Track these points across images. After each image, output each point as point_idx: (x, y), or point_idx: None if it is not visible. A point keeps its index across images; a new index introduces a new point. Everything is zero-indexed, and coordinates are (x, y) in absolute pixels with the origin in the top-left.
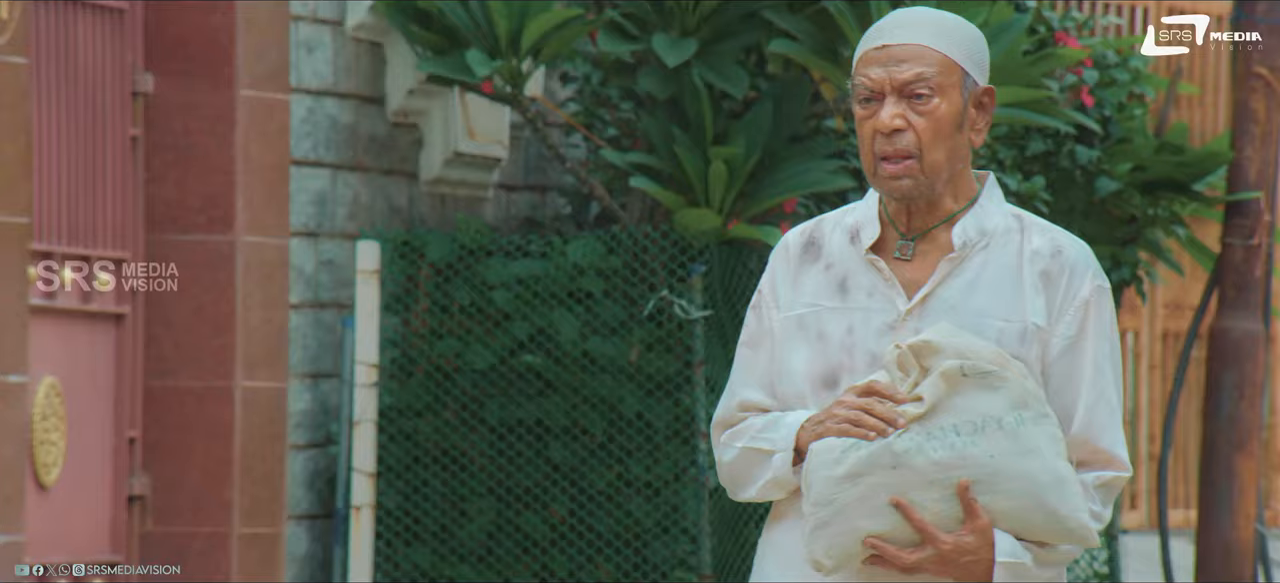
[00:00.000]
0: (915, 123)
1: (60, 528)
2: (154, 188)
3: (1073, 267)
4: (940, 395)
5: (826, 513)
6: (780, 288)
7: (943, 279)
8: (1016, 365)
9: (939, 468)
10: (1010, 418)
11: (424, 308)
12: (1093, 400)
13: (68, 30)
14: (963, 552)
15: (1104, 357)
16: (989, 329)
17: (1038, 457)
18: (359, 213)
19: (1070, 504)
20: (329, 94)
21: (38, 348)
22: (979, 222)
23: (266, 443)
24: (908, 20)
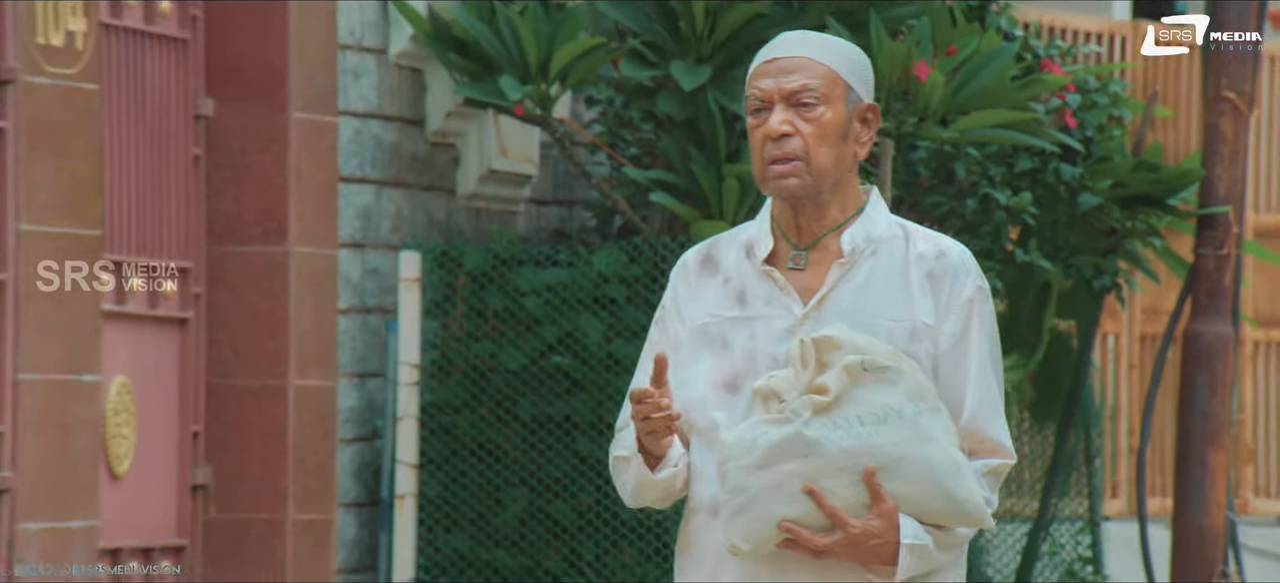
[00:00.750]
0: (802, 128)
1: (131, 515)
2: (214, 202)
3: (955, 268)
4: (843, 388)
5: (742, 499)
6: (682, 302)
7: (835, 283)
8: (910, 362)
9: (847, 455)
10: (909, 409)
11: (461, 313)
12: (979, 394)
13: (136, 58)
14: (870, 535)
15: (986, 353)
16: (880, 329)
17: (936, 445)
18: (401, 225)
19: (967, 489)
20: (374, 116)
21: (109, 350)
22: (866, 229)
23: (318, 437)
24: (796, 38)
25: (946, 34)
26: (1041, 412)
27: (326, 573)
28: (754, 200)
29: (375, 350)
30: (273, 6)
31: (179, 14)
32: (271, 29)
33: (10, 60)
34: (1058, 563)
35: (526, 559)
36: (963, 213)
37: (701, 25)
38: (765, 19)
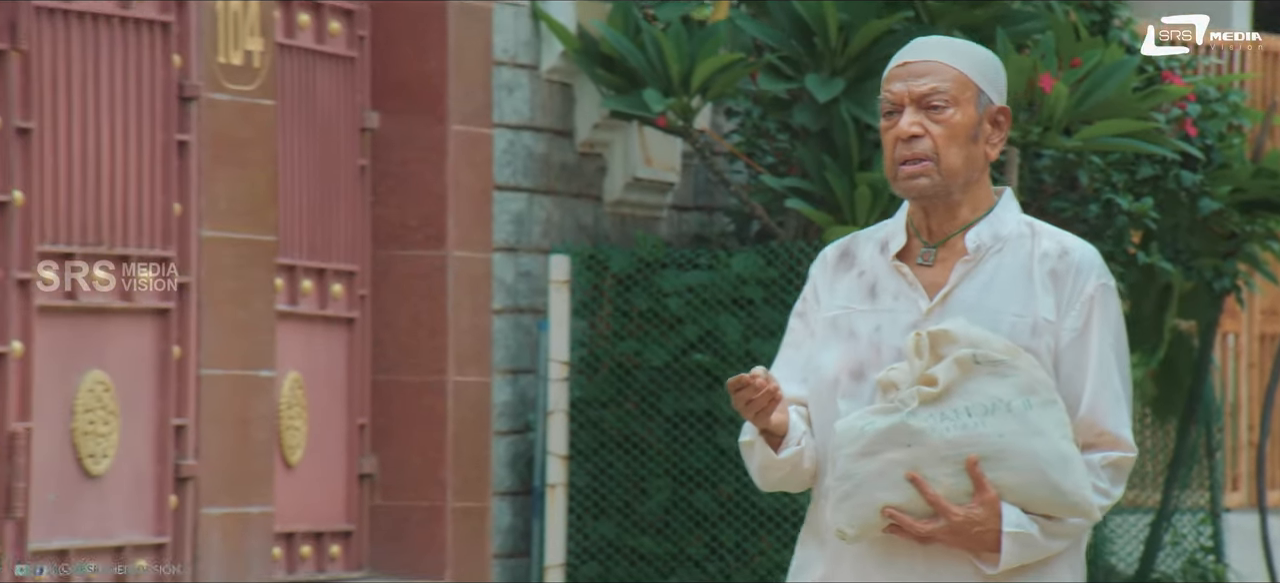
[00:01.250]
0: (932, 130)
1: (303, 501)
2: (379, 210)
3: (1078, 266)
4: (954, 379)
5: (848, 486)
6: (821, 293)
7: (960, 280)
8: (1026, 357)
9: (951, 445)
10: (1018, 402)
11: (608, 313)
12: (1098, 387)
13: (308, 76)
14: (972, 522)
15: (1108, 347)
16: (1003, 324)
17: (1043, 437)
18: (552, 231)
19: (1073, 481)
20: (526, 128)
21: (283, 348)
22: (993, 228)
23: (474, 430)
24: (928, 43)
25: (1071, 47)
26: (1163, 407)
27: (483, 558)
28: (886, 206)
29: (527, 349)
30: (433, 26)
31: (347, 34)
32: (432, 48)
33: (195, 78)
34: (1180, 553)
35: (670, 546)
36: (1086, 218)
37: (835, 40)
38: (895, 34)
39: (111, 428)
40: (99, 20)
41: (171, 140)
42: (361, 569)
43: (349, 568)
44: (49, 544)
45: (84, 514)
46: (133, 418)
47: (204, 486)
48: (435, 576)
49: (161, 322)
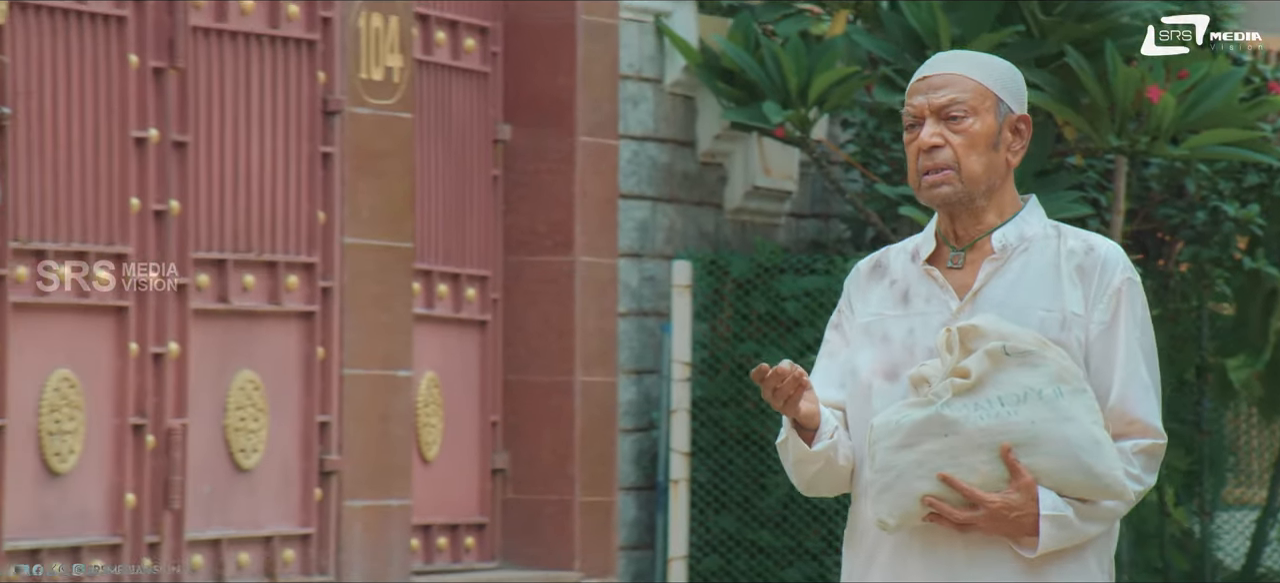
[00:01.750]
0: (952, 140)
1: (440, 495)
2: (510, 218)
3: (1104, 261)
4: (985, 371)
5: (888, 477)
6: (855, 303)
7: (988, 278)
8: (1055, 348)
9: (985, 433)
10: (1049, 390)
11: (728, 316)
12: (1127, 377)
13: (444, 90)
14: (1011, 508)
15: (1135, 339)
16: (1032, 319)
17: (1075, 423)
18: (674, 237)
19: (1106, 464)
20: (650, 139)
21: (420, 349)
22: (1019, 230)
23: (601, 427)
24: (946, 57)
25: (1178, 59)
26: (1269, 407)
27: (609, 550)
28: None
29: (651, 350)
30: (563, 43)
31: (481, 50)
32: (561, 63)
33: (338, 93)
34: None
35: (788, 539)
36: (1193, 224)
37: None
38: (1007, 47)
39: (261, 425)
40: (250, 39)
41: (316, 152)
42: (494, 560)
43: (483, 559)
44: (203, 534)
45: (236, 506)
46: (280, 415)
47: (347, 479)
48: (564, 567)
49: (307, 324)
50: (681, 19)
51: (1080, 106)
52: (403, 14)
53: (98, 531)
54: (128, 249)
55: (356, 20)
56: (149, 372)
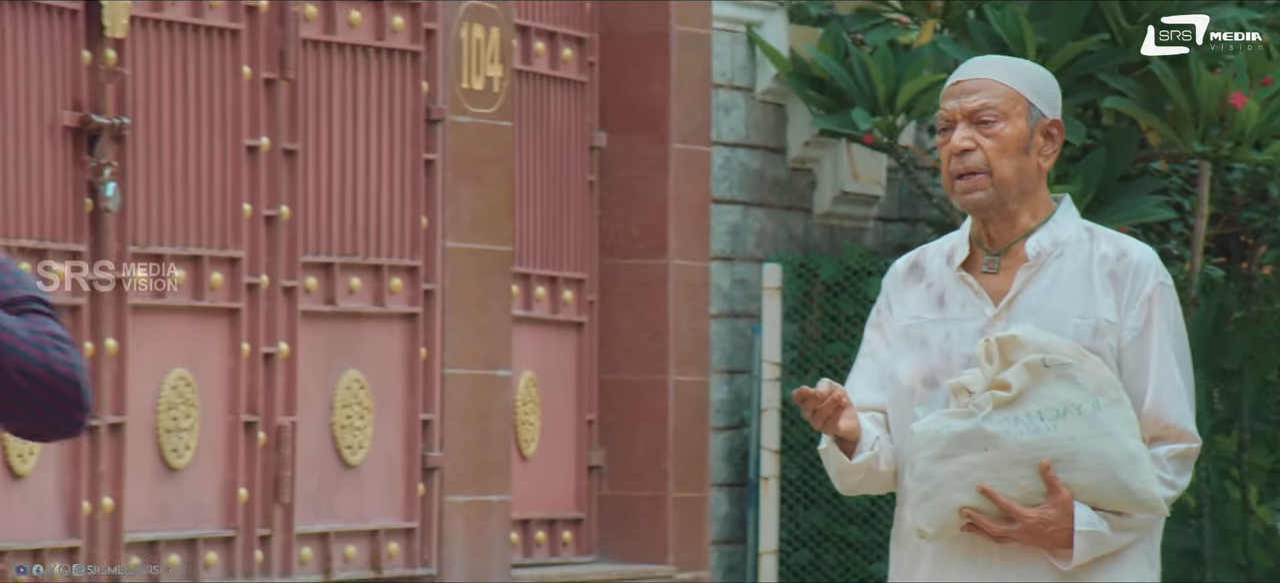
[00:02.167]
0: (983, 144)
1: (537, 491)
2: (605, 223)
3: (1136, 267)
4: (1025, 384)
5: (928, 487)
6: (893, 305)
7: (1023, 285)
8: (1092, 358)
9: (1025, 449)
10: (1088, 404)
11: (817, 317)
12: (1160, 382)
13: (542, 99)
14: (1046, 523)
15: (1168, 344)
16: (1067, 327)
17: (1112, 438)
18: (765, 241)
19: (1141, 479)
20: (741, 146)
21: (518, 349)
22: (1053, 234)
23: (693, 426)
24: (979, 62)
25: (1262, 66)
26: None
27: (702, 545)
28: (1081, 216)
29: (742, 351)
30: (657, 53)
31: (578, 60)
32: (656, 72)
33: (440, 102)
34: None
35: (876, 535)
36: (1276, 228)
37: (1033, 61)
38: (1092, 55)
39: (366, 422)
40: (356, 50)
41: (419, 159)
42: (591, 554)
43: (580, 553)
44: (312, 528)
45: (343, 501)
46: (385, 413)
47: (448, 475)
48: (658, 561)
49: (410, 325)
50: (772, 29)
51: (1164, 113)
52: (503, 25)
53: (212, 524)
54: (240, 254)
55: (459, 32)
56: (260, 371)
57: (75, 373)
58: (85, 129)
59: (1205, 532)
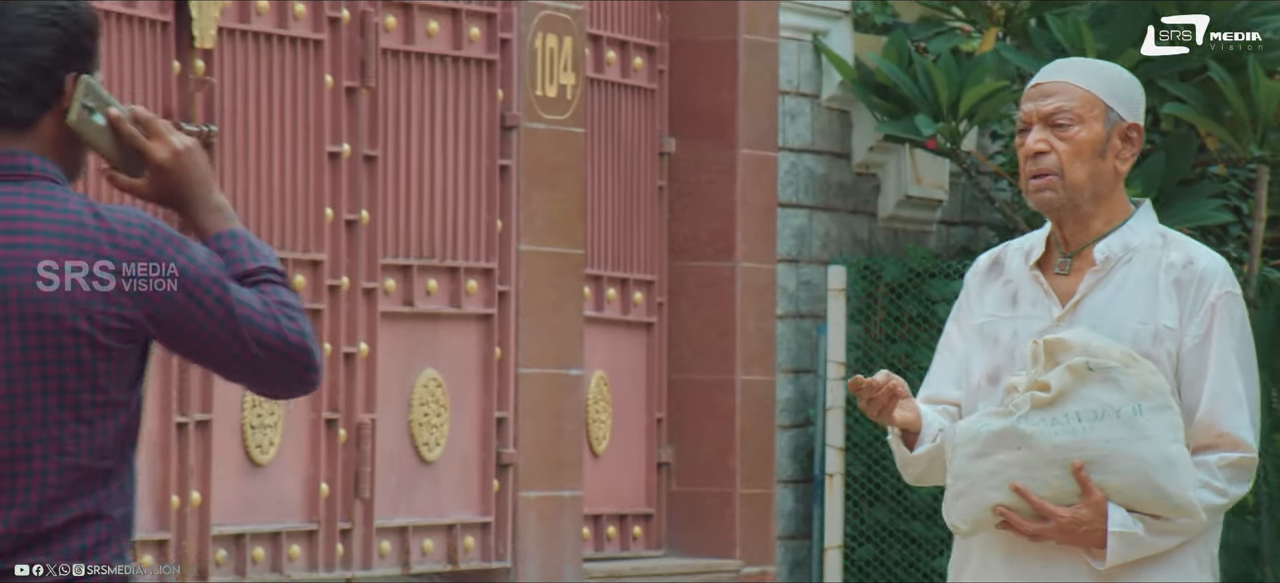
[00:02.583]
0: (1057, 146)
1: (608, 487)
2: (674, 226)
3: (1202, 275)
4: (1066, 386)
5: (963, 485)
6: (972, 300)
7: (1090, 289)
8: (1144, 364)
9: (1059, 449)
10: (1128, 408)
11: (881, 318)
12: (1217, 390)
13: (613, 106)
14: (1079, 523)
15: (1230, 353)
16: (1126, 332)
17: (1150, 442)
18: (830, 244)
19: (1177, 483)
20: (807, 151)
21: (590, 349)
22: (1124, 239)
23: (760, 424)
24: (1060, 65)
25: None
26: None
27: (768, 539)
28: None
29: (807, 351)
30: (726, 61)
31: (649, 68)
32: (724, 79)
33: (515, 109)
34: None
35: (939, 530)
36: None
37: None
38: (1152, 62)
39: (443, 420)
40: (434, 59)
41: (495, 165)
42: (660, 548)
43: (650, 548)
44: (391, 522)
45: (420, 496)
46: (461, 411)
47: (522, 472)
48: (726, 555)
49: (485, 326)
50: (838, 37)
51: (1223, 118)
52: (576, 35)
53: (295, 518)
54: (322, 257)
55: (533, 41)
56: (341, 370)
57: (305, 340)
58: None
59: (1263, 529)
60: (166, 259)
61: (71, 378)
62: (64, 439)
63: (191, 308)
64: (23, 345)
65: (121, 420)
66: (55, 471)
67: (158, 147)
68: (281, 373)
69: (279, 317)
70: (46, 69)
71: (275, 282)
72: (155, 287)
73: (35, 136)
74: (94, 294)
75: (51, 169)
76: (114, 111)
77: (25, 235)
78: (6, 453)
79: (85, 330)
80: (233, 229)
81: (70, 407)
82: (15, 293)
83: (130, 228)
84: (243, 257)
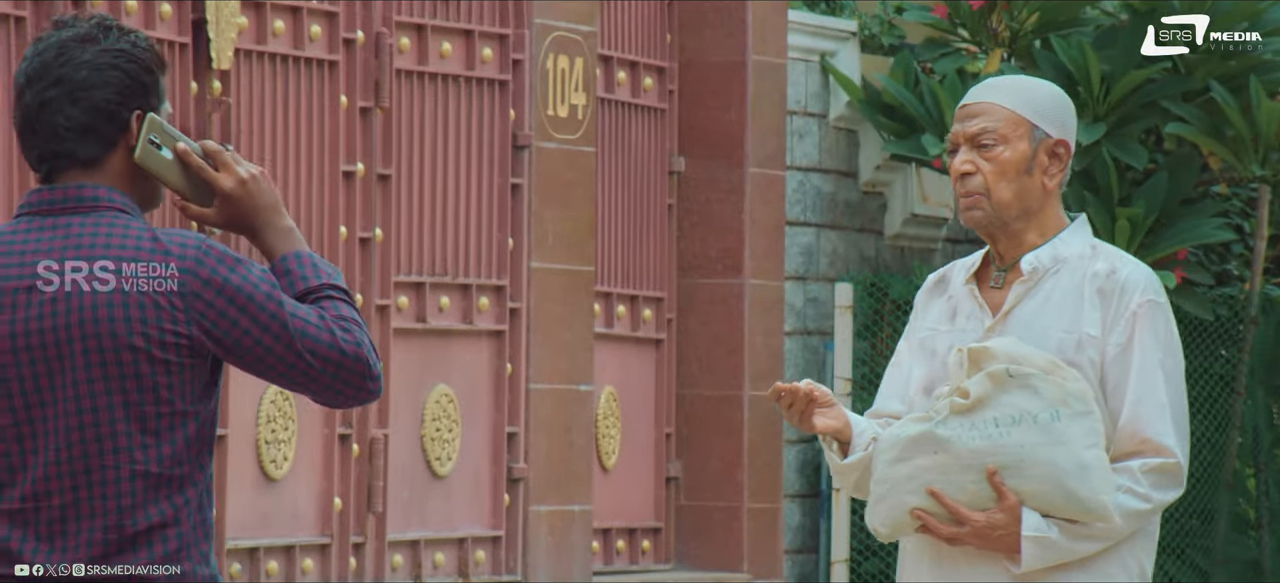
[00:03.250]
0: (982, 167)
1: (617, 501)
2: (683, 244)
3: (1124, 284)
4: (986, 392)
5: (883, 489)
6: (918, 317)
7: (1018, 300)
8: (1067, 371)
9: (975, 454)
10: (1045, 414)
11: (887, 335)
12: (1139, 397)
13: (623, 126)
14: (994, 527)
15: (1152, 360)
16: (1052, 340)
17: (1065, 448)
18: (837, 261)
19: (1090, 488)
20: (815, 170)
21: (599, 365)
22: (1055, 251)
23: (767, 439)
24: (987, 85)
25: None
26: None
27: (775, 553)
28: (1144, 238)
29: (815, 367)
30: (734, 81)
31: (659, 89)
32: (733, 100)
33: (527, 129)
34: None
35: None
36: None
37: (1098, 90)
38: (1155, 83)
39: (455, 435)
40: (447, 80)
41: (506, 183)
42: (669, 562)
43: (658, 561)
44: (403, 536)
45: (432, 510)
46: (472, 426)
47: (533, 486)
48: (734, 569)
49: (497, 342)
50: (845, 58)
51: (1225, 138)
52: (587, 55)
53: (309, 531)
54: None
55: (544, 62)
56: None
57: (360, 350)
58: None
59: (1264, 543)
60: (219, 276)
61: (134, 392)
62: (133, 449)
63: (245, 323)
64: (87, 363)
65: (190, 430)
66: (128, 479)
67: (225, 176)
68: (340, 382)
69: (334, 329)
70: (110, 111)
71: (335, 297)
72: (207, 302)
73: (105, 172)
74: (148, 314)
75: (120, 200)
76: (181, 145)
77: (86, 262)
78: (82, 465)
79: (142, 347)
80: (298, 250)
81: (136, 419)
82: (78, 316)
83: (185, 247)
84: (306, 275)
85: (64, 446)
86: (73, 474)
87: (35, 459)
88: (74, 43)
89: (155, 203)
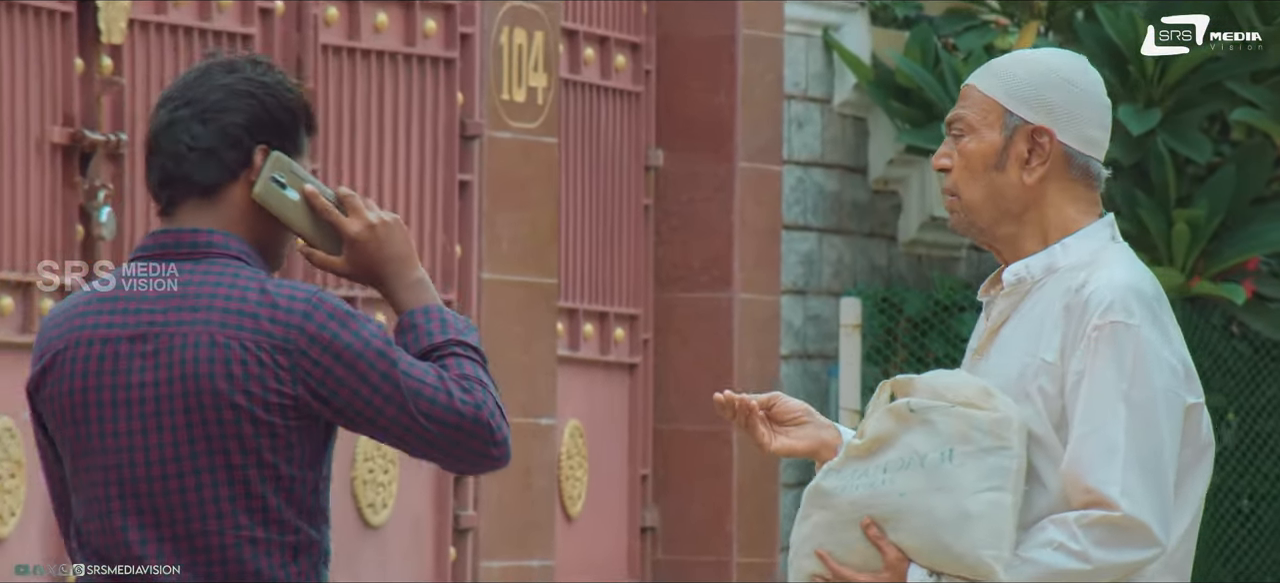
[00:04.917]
0: (955, 162)
1: (584, 555)
2: (662, 251)
3: (1087, 303)
4: (885, 431)
5: (792, 550)
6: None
7: (1004, 317)
8: (1003, 401)
9: (855, 507)
10: (934, 455)
11: (902, 359)
12: (1083, 435)
13: (592, 112)
14: None
15: (1108, 392)
16: (1014, 366)
17: (946, 494)
18: (842, 272)
19: (968, 541)
20: (816, 164)
21: (564, 394)
22: (1047, 260)
23: (761, 481)
24: (982, 67)
25: None
26: None
27: None
28: (1205, 245)
29: (816, 396)
30: (721, 60)
31: (633, 69)
32: (720, 82)
33: (477, 116)
34: None
35: None
36: None
37: (1151, 69)
38: (1220, 61)
39: (390, 477)
40: (383, 57)
41: (453, 179)
42: None
43: None
44: None
45: (364, 565)
46: (410, 468)
47: (484, 537)
48: None
49: None
50: (852, 32)
51: None
52: (548, 29)
53: None
54: None
55: (498, 37)
56: None
57: (479, 412)
58: (77, 146)
59: None
60: (327, 332)
61: (236, 453)
62: (237, 515)
63: (354, 382)
64: (187, 422)
65: (297, 495)
66: (232, 544)
67: (352, 221)
68: (459, 448)
69: (453, 389)
70: (235, 137)
71: (461, 355)
72: (313, 360)
73: (222, 207)
74: (250, 371)
75: (237, 246)
76: (309, 187)
77: (190, 313)
78: (185, 529)
79: (243, 406)
80: (427, 305)
81: (239, 482)
82: (179, 370)
83: (293, 302)
84: (432, 330)
85: (164, 509)
86: (175, 539)
87: (132, 521)
88: (219, 68)
89: (280, 258)
